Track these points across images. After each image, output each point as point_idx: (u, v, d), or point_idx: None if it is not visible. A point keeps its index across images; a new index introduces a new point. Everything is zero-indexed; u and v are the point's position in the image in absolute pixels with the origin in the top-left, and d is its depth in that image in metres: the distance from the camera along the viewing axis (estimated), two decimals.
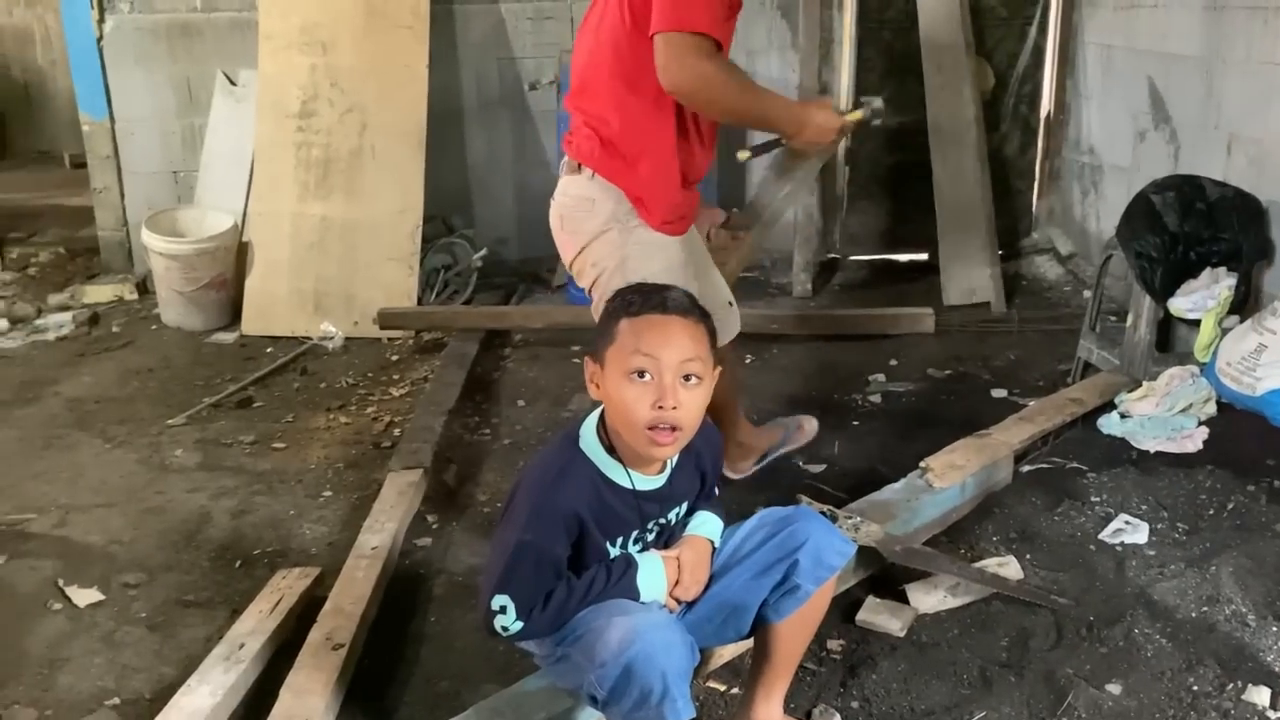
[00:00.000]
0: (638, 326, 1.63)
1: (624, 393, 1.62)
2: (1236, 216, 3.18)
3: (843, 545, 1.80)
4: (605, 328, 1.67)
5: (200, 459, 3.20)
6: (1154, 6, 4.11)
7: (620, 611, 1.63)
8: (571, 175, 2.40)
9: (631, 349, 1.62)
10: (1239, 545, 2.37)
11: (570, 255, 2.45)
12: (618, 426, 1.67)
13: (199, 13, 4.68)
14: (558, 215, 2.45)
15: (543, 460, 1.76)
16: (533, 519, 1.64)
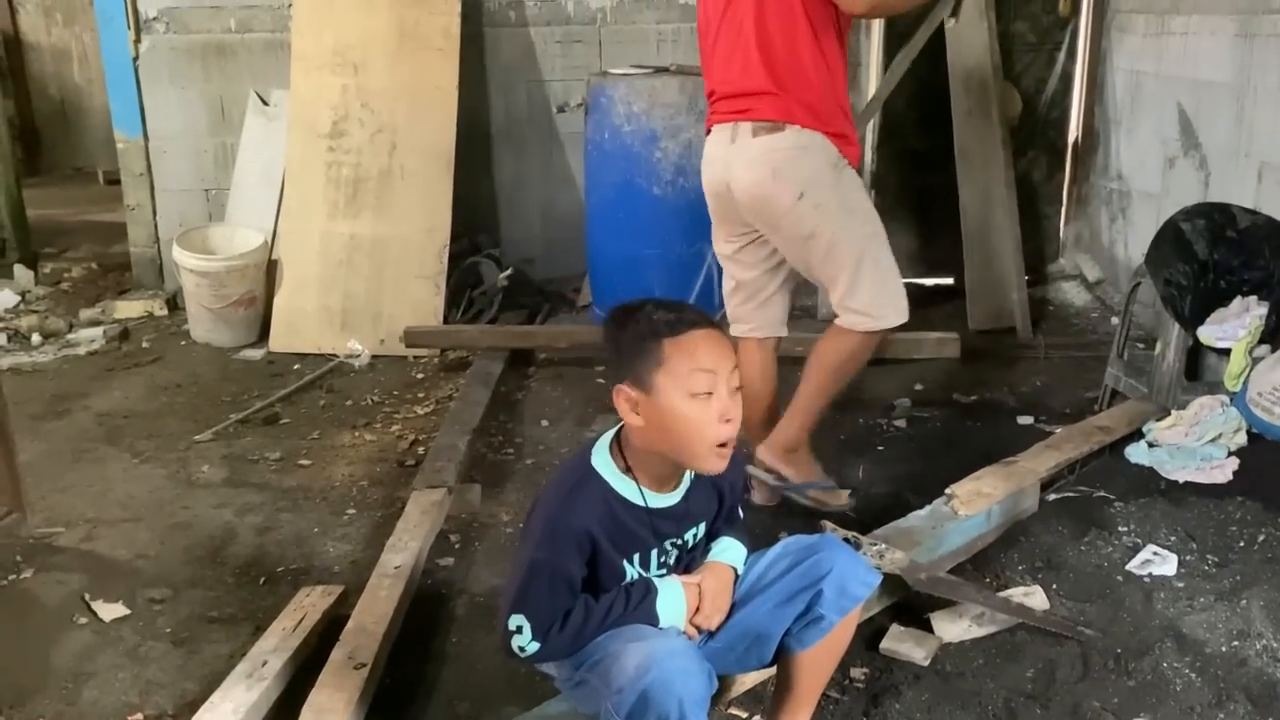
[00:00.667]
0: (688, 345, 1.61)
1: (689, 413, 1.61)
2: (1268, 245, 3.15)
3: (868, 575, 1.78)
4: (640, 351, 1.63)
5: (226, 475, 3.22)
6: (1184, 34, 4.09)
7: (637, 637, 1.63)
8: (772, 134, 2.59)
9: (690, 368, 1.61)
10: (1270, 579, 2.33)
11: (787, 203, 2.60)
12: (670, 447, 1.65)
13: (233, 33, 4.75)
14: (769, 168, 2.59)
15: (556, 479, 1.77)
16: (546, 537, 1.65)
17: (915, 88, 4.84)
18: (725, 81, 2.69)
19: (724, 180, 2.68)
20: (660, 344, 1.62)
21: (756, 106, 2.62)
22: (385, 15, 4.38)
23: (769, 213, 2.66)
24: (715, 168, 2.72)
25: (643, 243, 4.38)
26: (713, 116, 2.75)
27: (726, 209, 2.75)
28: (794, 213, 2.61)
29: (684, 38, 4.82)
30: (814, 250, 2.67)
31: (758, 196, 2.63)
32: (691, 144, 4.26)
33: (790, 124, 2.59)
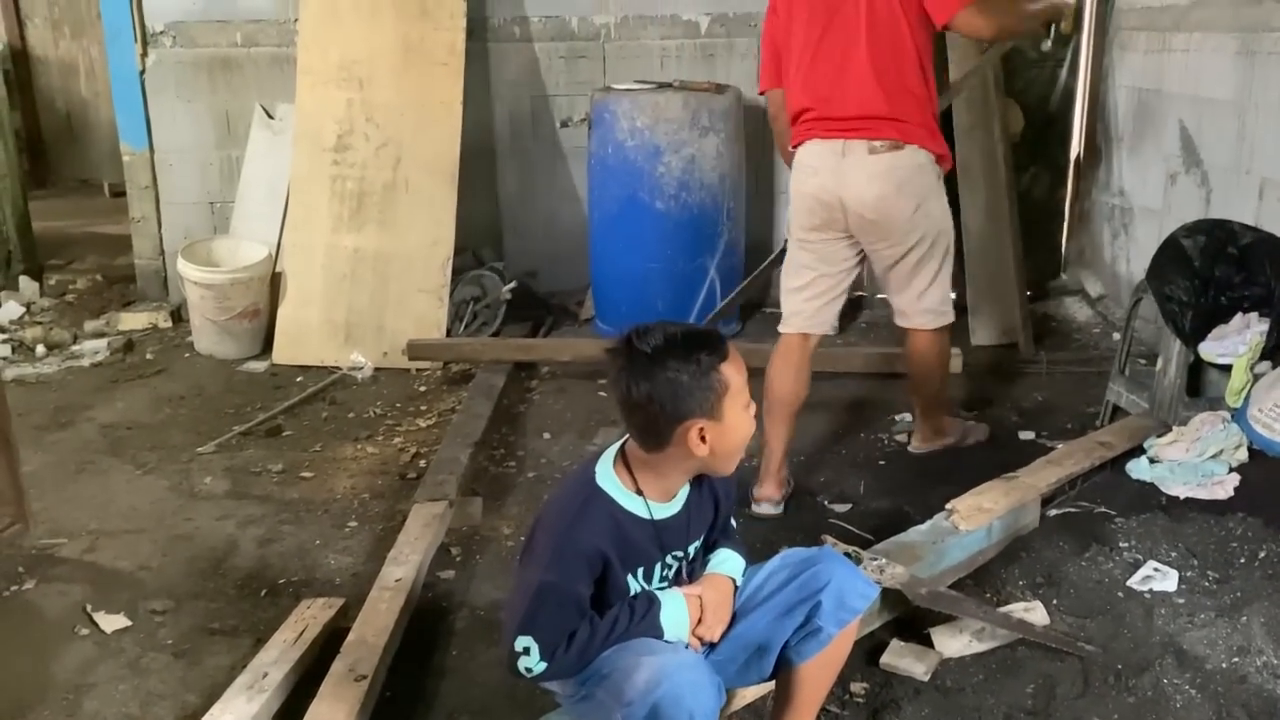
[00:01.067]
0: (734, 361, 1.68)
1: (744, 424, 1.69)
2: (1269, 262, 3.14)
3: (866, 588, 1.79)
4: (709, 385, 1.63)
5: (229, 487, 3.23)
6: (1185, 51, 4.11)
7: (648, 651, 1.63)
8: (893, 153, 2.87)
9: (741, 383, 1.68)
10: (1271, 595, 2.33)
11: (907, 214, 2.90)
12: (723, 463, 1.71)
13: (239, 47, 4.78)
14: (894, 184, 2.87)
15: (561, 498, 1.77)
16: (555, 559, 1.65)
17: None
18: (828, 101, 2.90)
19: (835, 192, 2.90)
20: (719, 371, 1.66)
21: (874, 128, 2.87)
22: (391, 31, 4.41)
23: (886, 223, 2.92)
24: (823, 178, 2.91)
25: (645, 257, 4.40)
26: (809, 131, 2.95)
27: (830, 215, 2.95)
28: (910, 223, 2.92)
29: (687, 54, 4.85)
30: (913, 256, 2.98)
31: (879, 210, 2.89)
32: (694, 159, 4.29)
33: (909, 144, 2.88)
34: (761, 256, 4.95)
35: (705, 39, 4.85)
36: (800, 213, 3.01)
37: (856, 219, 2.92)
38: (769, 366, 3.03)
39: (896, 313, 3.16)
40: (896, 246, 2.96)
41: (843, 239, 2.99)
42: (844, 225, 2.96)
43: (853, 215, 2.92)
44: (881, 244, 2.97)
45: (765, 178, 4.99)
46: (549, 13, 4.81)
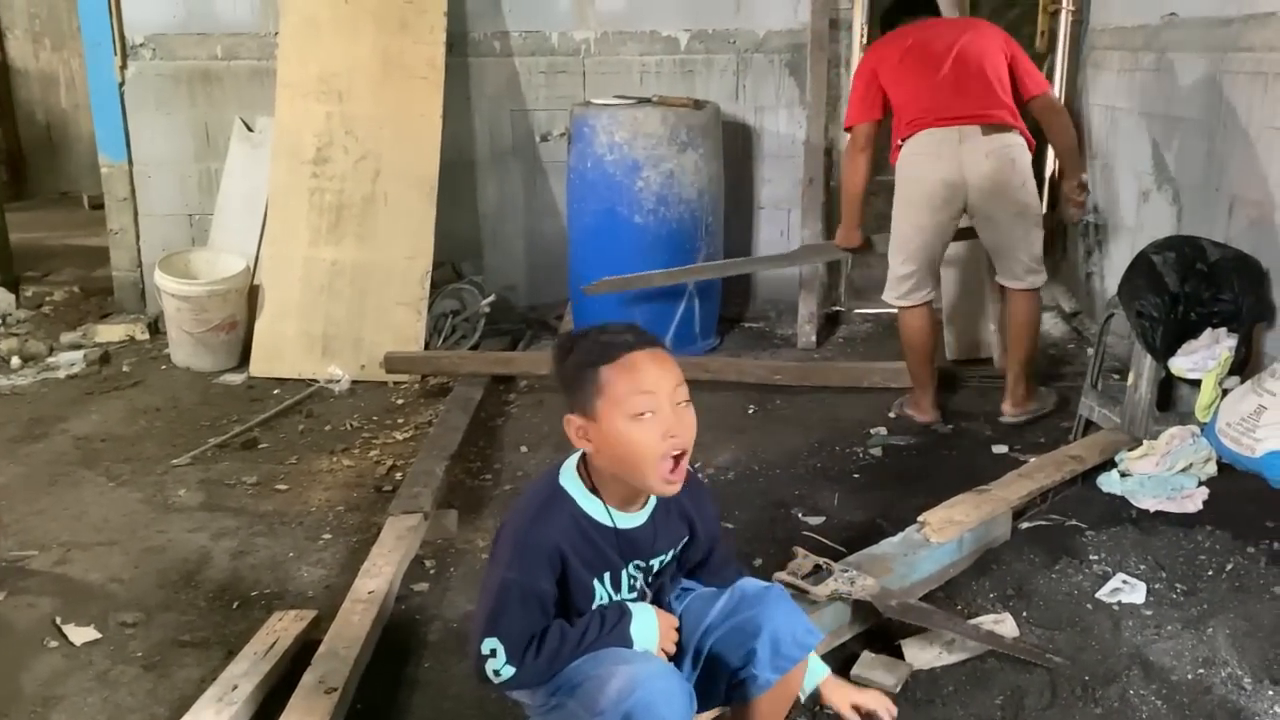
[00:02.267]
0: (625, 367, 1.63)
1: (631, 435, 1.62)
2: (1237, 278, 3.19)
3: (805, 637, 1.74)
4: (580, 380, 1.65)
5: (203, 499, 3.22)
6: (1157, 70, 4.16)
7: (621, 660, 1.63)
8: (1004, 134, 3.49)
9: (629, 391, 1.62)
10: (1236, 607, 2.36)
11: (1018, 184, 3.50)
12: (623, 470, 1.66)
13: (219, 60, 4.78)
14: (1008, 159, 3.48)
15: (524, 499, 1.78)
16: (515, 556, 1.66)
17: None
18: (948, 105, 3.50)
19: (959, 172, 3.46)
20: (598, 371, 1.64)
21: (987, 117, 3.49)
22: (370, 44, 4.42)
23: (1002, 192, 3.47)
24: (946, 162, 3.47)
25: (624, 271, 4.41)
26: (923, 124, 3.52)
27: (952, 194, 3.50)
28: (1021, 191, 3.51)
29: (667, 70, 4.89)
30: (1022, 222, 3.55)
31: (996, 179, 3.45)
32: (673, 174, 4.31)
33: (1014, 128, 3.51)
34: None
35: (685, 55, 4.88)
36: (920, 199, 3.53)
37: (977, 192, 3.46)
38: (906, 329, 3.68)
39: (1007, 277, 3.65)
40: (1010, 213, 3.49)
41: (952, 222, 3.56)
42: (962, 203, 3.51)
43: (973, 190, 3.46)
44: (1000, 211, 3.49)
45: (744, 193, 5.02)
46: (529, 28, 4.84)
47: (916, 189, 3.55)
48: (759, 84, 4.92)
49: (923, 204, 3.54)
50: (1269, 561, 2.53)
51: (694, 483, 1.81)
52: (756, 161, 5.02)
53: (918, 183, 3.55)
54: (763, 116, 4.96)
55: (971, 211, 3.56)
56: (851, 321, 5.00)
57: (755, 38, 4.87)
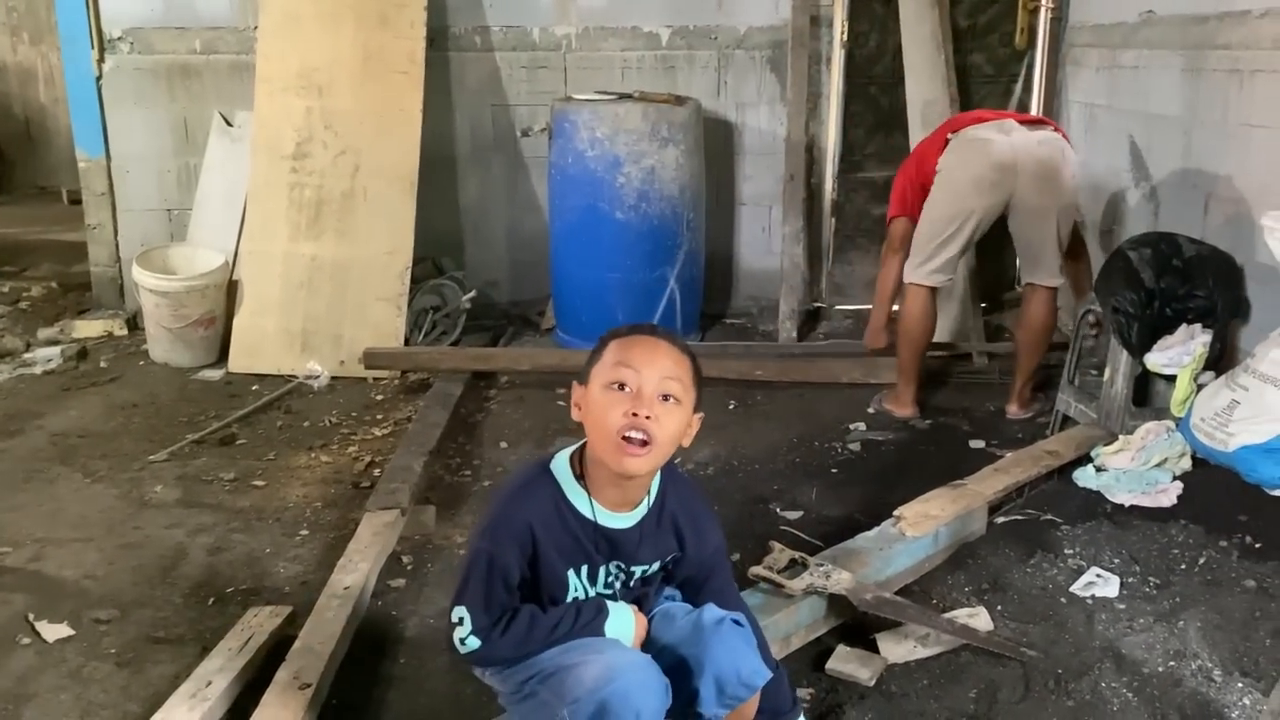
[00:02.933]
0: (625, 344, 1.67)
1: (600, 399, 1.63)
2: (1212, 274, 3.22)
3: (751, 676, 1.69)
4: (595, 353, 1.70)
5: (180, 495, 3.20)
6: (1135, 68, 4.19)
7: (595, 650, 1.63)
8: (1044, 130, 3.62)
9: (614, 362, 1.65)
10: (1208, 600, 2.38)
11: (1069, 174, 3.55)
12: (595, 442, 1.66)
13: (198, 54, 4.76)
14: (1058, 149, 3.55)
15: (512, 476, 1.79)
16: (490, 528, 1.68)
17: (874, 119, 4.92)
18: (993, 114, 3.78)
19: (1011, 154, 3.48)
20: (606, 344, 1.68)
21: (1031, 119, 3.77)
22: (350, 39, 4.40)
23: (1054, 180, 3.49)
24: (999, 145, 3.50)
25: (606, 267, 4.42)
26: (963, 121, 3.71)
27: (1003, 176, 3.49)
28: (1070, 184, 3.55)
29: (647, 65, 4.88)
30: (1068, 217, 3.59)
31: (1050, 167, 3.48)
32: (654, 170, 4.31)
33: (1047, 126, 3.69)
34: (721, 267, 5.01)
35: (666, 51, 4.88)
36: (967, 184, 3.53)
37: (1028, 177, 3.47)
38: (907, 315, 3.67)
39: (1037, 271, 3.66)
40: (1056, 205, 3.51)
41: (996, 209, 3.54)
42: (1010, 189, 3.49)
43: (1024, 174, 3.47)
44: (1048, 200, 3.50)
45: (726, 189, 5.03)
46: (510, 23, 4.83)
47: (964, 173, 3.55)
48: (740, 80, 4.92)
49: (969, 188, 3.53)
50: (1241, 555, 2.56)
51: (696, 505, 1.80)
52: (738, 158, 5.02)
53: (966, 166, 3.55)
54: (744, 113, 4.97)
55: (1016, 203, 3.52)
56: (832, 317, 5.01)
57: (736, 34, 4.87)
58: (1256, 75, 3.36)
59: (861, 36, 4.82)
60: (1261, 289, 3.23)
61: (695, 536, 1.79)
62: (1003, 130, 3.56)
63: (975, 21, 4.84)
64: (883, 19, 4.76)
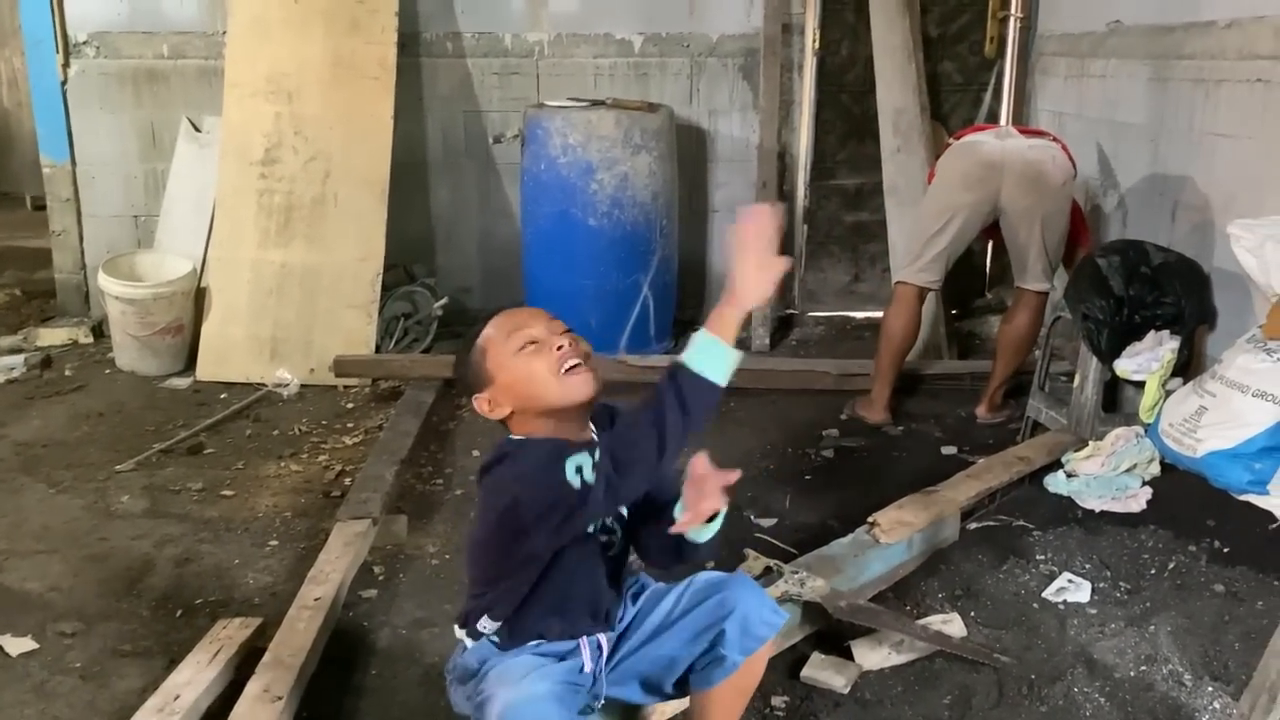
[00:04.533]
0: (497, 325, 1.70)
1: (525, 365, 1.65)
2: (1180, 281, 3.25)
3: (773, 616, 1.75)
4: (470, 362, 1.71)
5: (147, 505, 3.15)
6: (1103, 77, 4.23)
7: (511, 680, 1.60)
8: (1041, 139, 3.68)
9: (504, 335, 1.68)
10: (1178, 605, 2.40)
11: (1060, 181, 3.56)
12: (536, 403, 1.66)
13: (166, 59, 4.71)
14: (1049, 155, 3.56)
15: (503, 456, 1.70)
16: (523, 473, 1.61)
17: (846, 128, 4.95)
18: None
19: (999, 154, 3.54)
20: (475, 344, 1.71)
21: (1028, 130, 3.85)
22: (321, 44, 4.37)
23: (1039, 182, 3.51)
24: (989, 146, 3.57)
25: (579, 273, 4.40)
26: (967, 133, 3.76)
27: (986, 173, 3.53)
28: (1062, 191, 3.57)
29: (620, 72, 4.88)
30: (1054, 224, 3.60)
31: (1039, 170, 3.51)
32: (627, 177, 4.31)
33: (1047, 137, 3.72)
34: (695, 273, 5.01)
35: (639, 58, 4.88)
36: (955, 180, 3.59)
37: (1014, 176, 3.50)
38: (890, 318, 3.70)
39: (1024, 275, 3.68)
40: (1039, 207, 3.52)
41: (983, 207, 3.56)
42: (997, 188, 3.52)
43: (1010, 174, 3.50)
44: (1034, 204, 3.52)
45: (698, 196, 5.03)
46: (482, 29, 4.81)
47: (953, 170, 3.62)
48: (713, 88, 4.93)
49: (956, 184, 3.59)
50: (1209, 559, 2.58)
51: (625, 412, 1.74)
52: (711, 165, 5.03)
53: (955, 165, 3.62)
54: (716, 120, 4.98)
55: (1003, 204, 3.56)
56: (805, 324, 5.03)
57: (709, 41, 4.88)
58: (1221, 85, 3.41)
59: (833, 45, 4.84)
60: (1227, 296, 3.28)
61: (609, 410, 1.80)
62: (998, 136, 3.64)
63: (945, 30, 4.88)
64: (854, 27, 4.79)
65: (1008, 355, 3.74)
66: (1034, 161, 3.51)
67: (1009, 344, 3.74)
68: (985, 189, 3.54)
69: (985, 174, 3.53)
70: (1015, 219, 3.58)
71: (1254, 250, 2.94)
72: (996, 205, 3.57)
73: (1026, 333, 3.70)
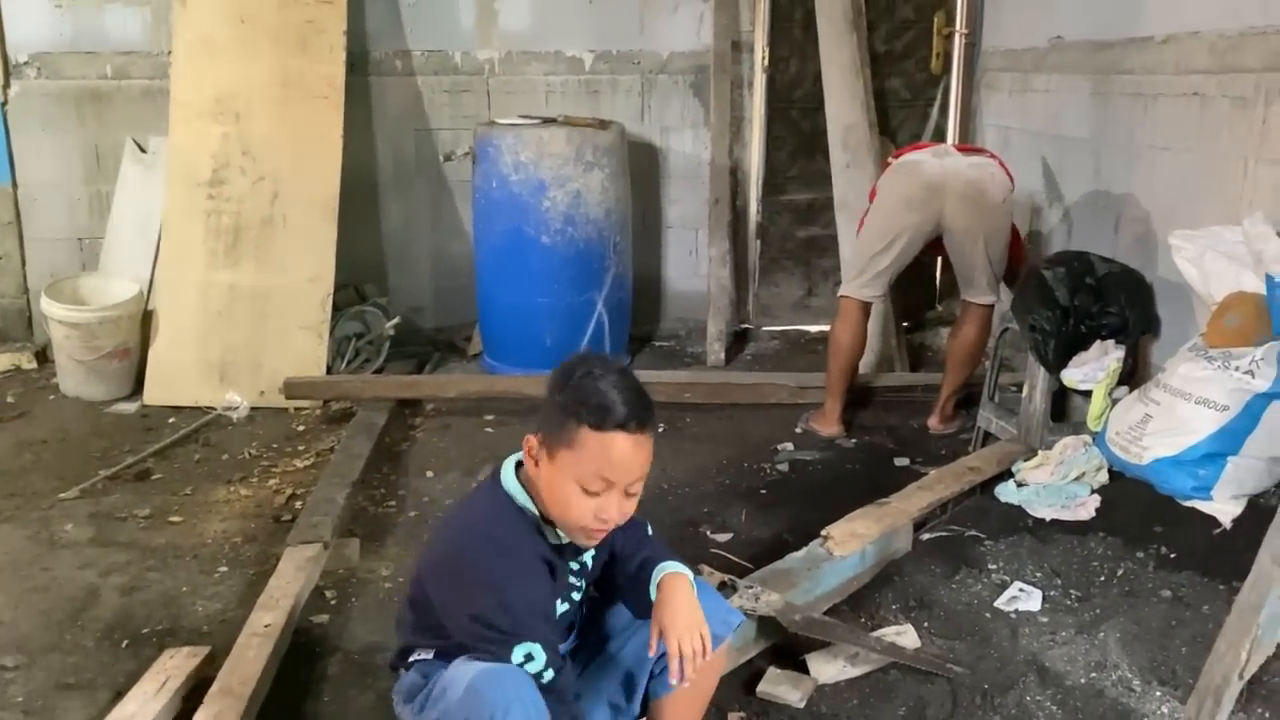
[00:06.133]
0: (603, 445, 1.59)
1: (569, 495, 1.62)
2: (1124, 291, 3.31)
3: (729, 615, 1.79)
4: (562, 423, 1.61)
5: (92, 534, 3.09)
6: (1046, 91, 4.31)
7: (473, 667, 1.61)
8: (982, 156, 3.72)
9: (592, 470, 1.60)
10: (1126, 611, 2.43)
11: (997, 200, 3.58)
12: (551, 509, 1.67)
13: (109, 79, 4.64)
14: (988, 173, 3.59)
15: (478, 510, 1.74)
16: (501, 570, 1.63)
17: (796, 144, 4.99)
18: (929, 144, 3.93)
19: (940, 174, 3.55)
20: (581, 429, 1.60)
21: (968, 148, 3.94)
22: (268, 64, 4.33)
23: (980, 201, 3.54)
24: (930, 167, 3.59)
25: (532, 291, 4.39)
26: (906, 152, 3.78)
27: (929, 195, 3.55)
28: (1002, 207, 3.61)
29: (571, 89, 4.89)
30: (996, 239, 3.63)
31: (979, 188, 3.54)
32: (580, 194, 4.31)
33: (985, 154, 3.76)
34: (649, 289, 5.02)
35: (590, 75, 4.89)
36: (897, 201, 3.61)
37: (956, 197, 3.53)
38: (837, 332, 3.75)
39: (970, 289, 3.73)
40: (981, 225, 3.56)
41: (925, 227, 3.59)
42: (939, 208, 3.55)
43: (952, 194, 3.53)
44: (975, 223, 3.55)
45: (652, 213, 5.05)
46: (432, 47, 4.80)
47: (895, 192, 3.64)
48: (664, 104, 4.96)
49: (899, 207, 3.61)
50: (1157, 566, 2.62)
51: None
52: (663, 181, 5.05)
53: (897, 186, 3.64)
54: (668, 137, 5.00)
55: (946, 223, 3.59)
56: (759, 338, 5.05)
57: (659, 59, 4.90)
58: (1160, 99, 3.48)
59: (782, 62, 4.89)
60: (1170, 305, 3.34)
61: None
62: (937, 155, 3.65)
63: (892, 47, 4.94)
64: (802, 44, 4.84)
65: (957, 367, 3.77)
66: (974, 181, 3.54)
67: (958, 356, 3.77)
68: (927, 210, 3.57)
69: (927, 196, 3.55)
70: (959, 237, 3.60)
71: (1194, 260, 3.00)
72: (939, 224, 3.59)
73: (975, 344, 3.74)
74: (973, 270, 3.66)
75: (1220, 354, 2.85)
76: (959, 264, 3.71)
